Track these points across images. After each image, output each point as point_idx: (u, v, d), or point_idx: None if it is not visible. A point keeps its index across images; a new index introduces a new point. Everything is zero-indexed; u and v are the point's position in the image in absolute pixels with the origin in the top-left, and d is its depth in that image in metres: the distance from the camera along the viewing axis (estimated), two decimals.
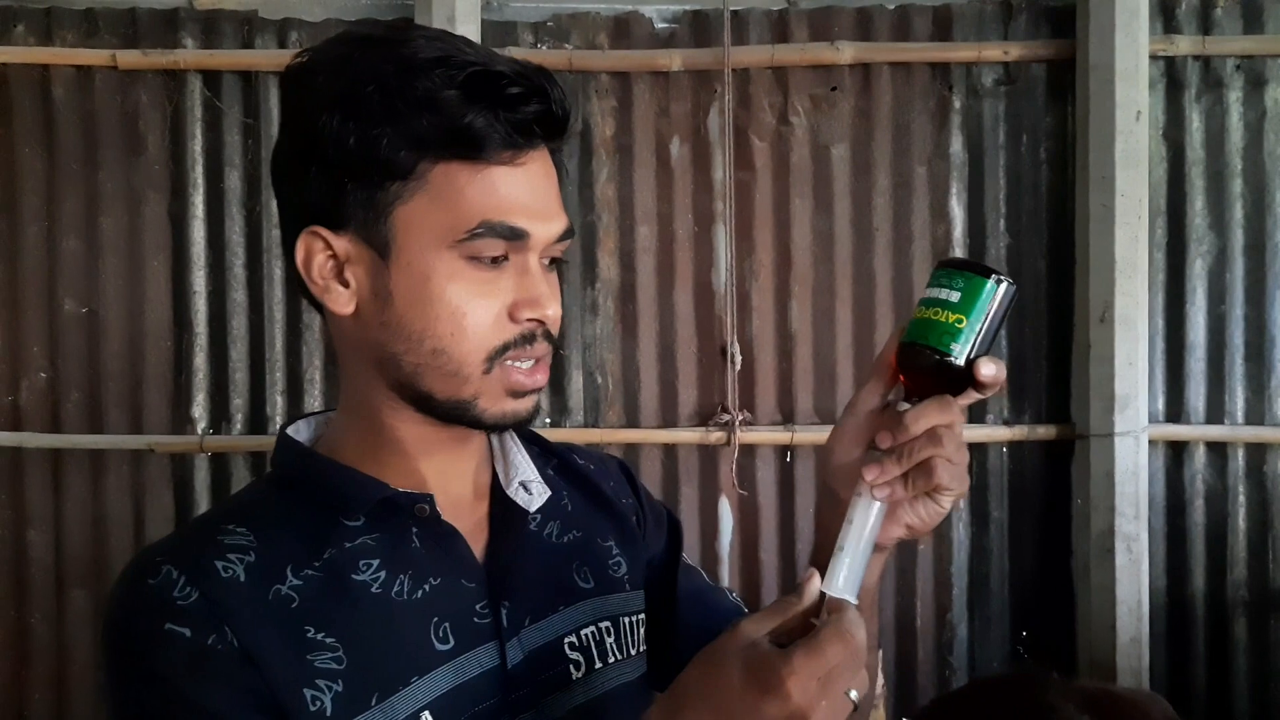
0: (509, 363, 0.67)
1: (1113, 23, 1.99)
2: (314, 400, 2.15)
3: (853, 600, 0.62)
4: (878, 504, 0.65)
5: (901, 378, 0.68)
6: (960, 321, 0.64)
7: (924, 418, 0.64)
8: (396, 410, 0.70)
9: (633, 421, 2.14)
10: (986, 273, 0.64)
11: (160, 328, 2.13)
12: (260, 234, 2.13)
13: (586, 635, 0.76)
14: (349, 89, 0.63)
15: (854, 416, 0.70)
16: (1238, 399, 2.12)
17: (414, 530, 0.70)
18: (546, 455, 0.84)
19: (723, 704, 0.55)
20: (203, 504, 2.14)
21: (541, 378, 0.69)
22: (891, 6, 2.14)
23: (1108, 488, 2.01)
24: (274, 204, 2.20)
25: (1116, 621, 1.99)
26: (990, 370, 0.64)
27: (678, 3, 2.16)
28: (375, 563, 0.68)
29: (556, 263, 0.71)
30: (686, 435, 2.12)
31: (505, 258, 0.66)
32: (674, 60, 2.11)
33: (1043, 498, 2.15)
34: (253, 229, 2.14)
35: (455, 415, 0.68)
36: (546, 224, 0.67)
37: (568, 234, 0.70)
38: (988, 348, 0.65)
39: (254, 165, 2.14)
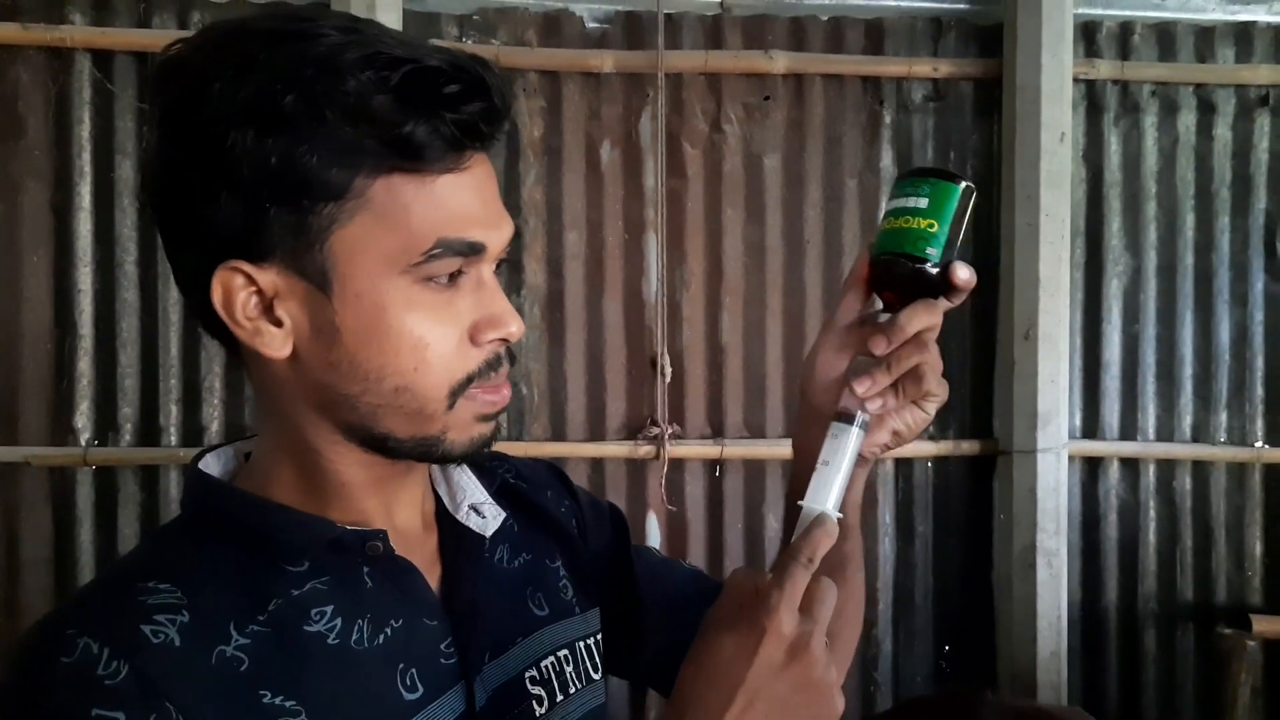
0: (475, 394, 0.61)
1: (1039, 44, 2.02)
2: (212, 410, 2.00)
3: (835, 514, 0.63)
4: (863, 416, 0.66)
5: (880, 290, 0.68)
6: (932, 226, 0.64)
7: (916, 319, 0.65)
8: (342, 453, 0.62)
9: (559, 434, 2.06)
10: (953, 177, 0.65)
11: (40, 329, 1.94)
12: (155, 228, 1.96)
13: (546, 667, 0.71)
14: (261, 97, 0.53)
15: (832, 332, 0.71)
16: (1149, 416, 2.18)
17: (366, 570, 0.62)
18: (488, 474, 0.77)
19: (726, 676, 0.55)
20: (85, 522, 1.96)
21: (506, 393, 0.64)
22: (825, 18, 2.13)
23: (1030, 503, 2.04)
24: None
25: (1037, 636, 2.01)
26: (965, 273, 0.64)
27: (610, 3, 2.10)
28: (329, 610, 0.60)
29: (502, 263, 0.65)
30: (614, 449, 2.05)
31: (460, 273, 0.59)
32: (606, 61, 2.05)
33: (966, 513, 2.17)
34: (146, 223, 1.97)
35: (420, 453, 0.62)
36: (499, 231, 0.61)
37: (515, 235, 0.65)
38: (955, 253, 0.65)
39: (149, 153, 1.97)
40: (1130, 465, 2.18)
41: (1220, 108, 2.17)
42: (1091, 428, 2.17)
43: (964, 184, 0.66)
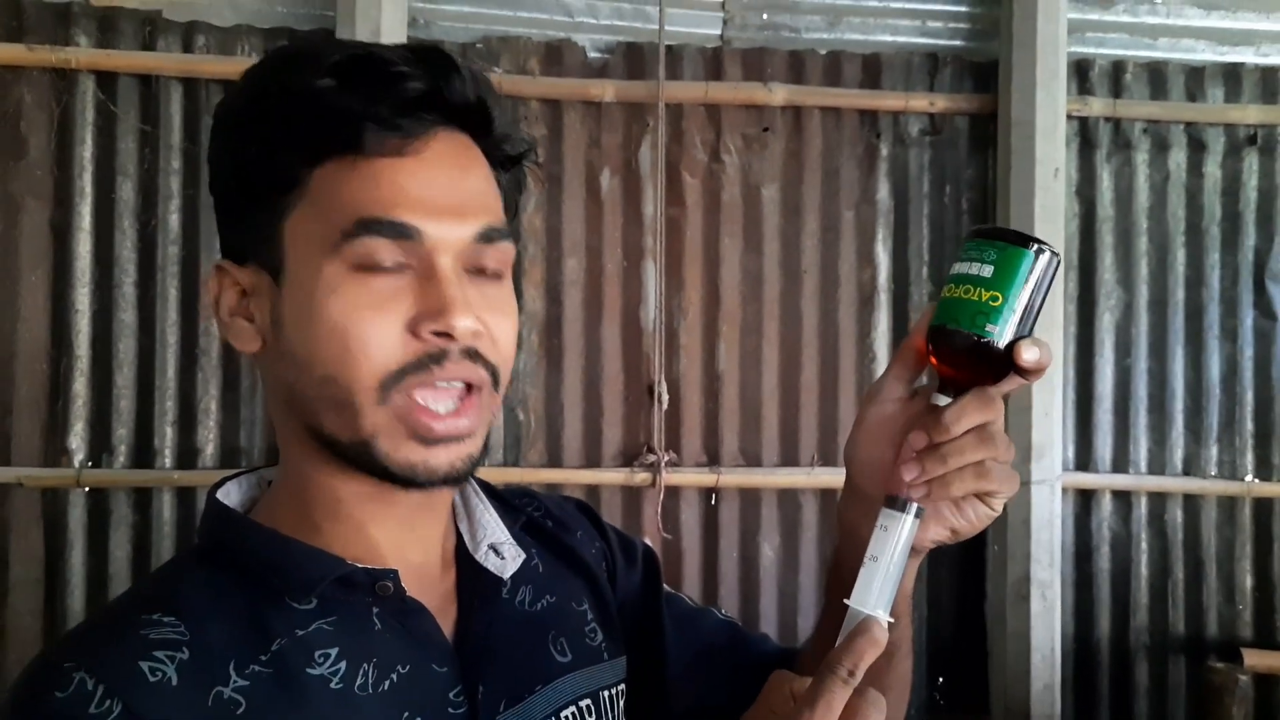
0: (413, 393, 0.56)
1: (1033, 81, 2.06)
2: (208, 432, 1.99)
3: (885, 618, 0.56)
4: (915, 507, 0.58)
5: (934, 362, 0.60)
6: (996, 299, 0.56)
7: (965, 417, 0.58)
8: (321, 464, 0.60)
9: (555, 461, 2.06)
10: (1025, 241, 0.57)
11: (35, 349, 1.94)
12: (155, 250, 1.97)
13: (567, 717, 0.67)
14: (229, 107, 0.60)
15: (879, 405, 0.64)
16: (1141, 449, 2.20)
17: (375, 611, 0.60)
18: (512, 512, 0.74)
19: None
20: (77, 544, 1.94)
21: (465, 423, 0.57)
22: (823, 51, 2.16)
23: (1024, 535, 2.04)
24: (172, 218, 2.02)
25: (1031, 668, 2.01)
26: (1034, 355, 0.56)
27: (611, 34, 2.12)
28: (333, 652, 0.57)
29: (490, 276, 0.60)
30: (610, 476, 2.05)
31: (406, 266, 0.56)
32: (607, 91, 2.07)
33: (960, 544, 2.16)
34: (146, 244, 1.98)
35: (362, 462, 0.58)
36: (454, 222, 0.56)
37: (493, 235, 0.59)
38: (1030, 328, 0.57)
39: (150, 175, 1.98)
40: (1122, 498, 2.19)
41: (1210, 146, 2.21)
42: (1084, 460, 2.18)
43: (1037, 248, 0.57)
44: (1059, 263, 0.58)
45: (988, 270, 0.57)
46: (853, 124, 2.16)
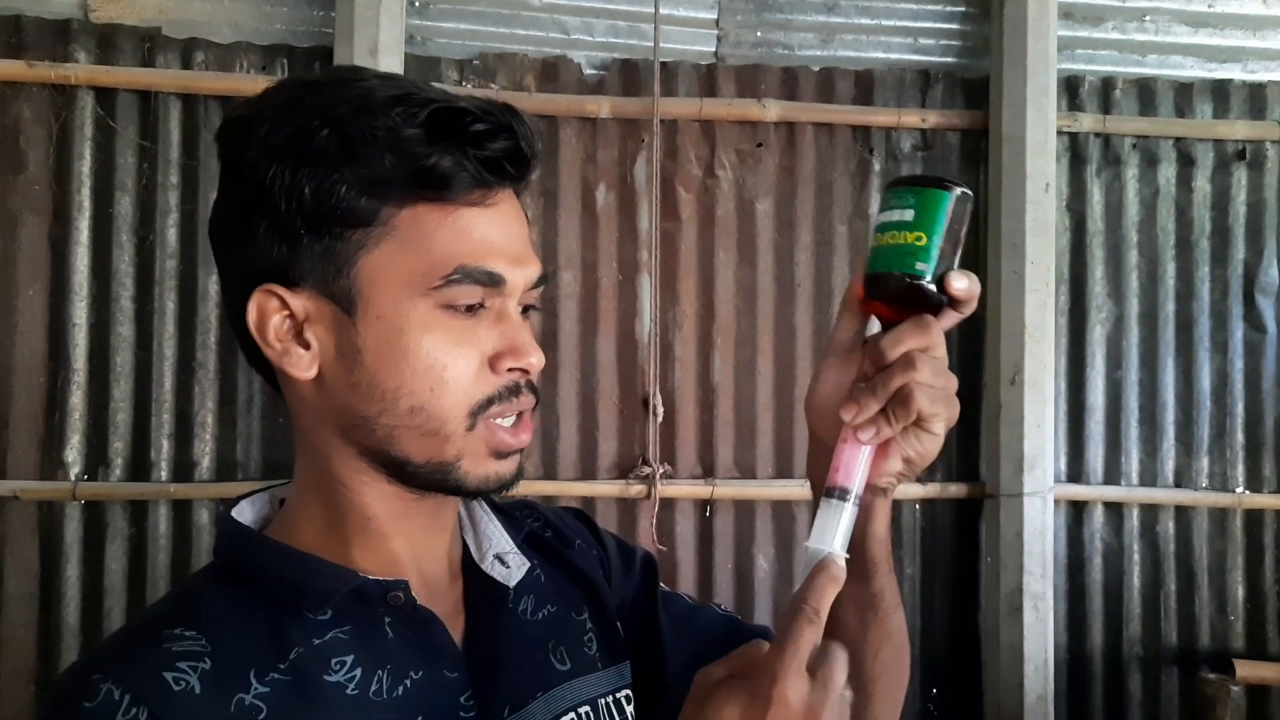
0: (493, 419, 0.62)
1: (1024, 97, 2.08)
2: (204, 445, 2.00)
3: (840, 553, 0.59)
4: (863, 449, 0.62)
5: (874, 308, 0.65)
6: (920, 239, 0.60)
7: (901, 341, 0.62)
8: (367, 482, 0.64)
9: (550, 473, 2.07)
10: (937, 183, 0.61)
11: (32, 362, 1.95)
12: (153, 264, 1.98)
13: None
14: (299, 133, 0.58)
15: (830, 357, 0.68)
16: (1133, 461, 2.22)
17: (387, 620, 0.63)
18: (514, 524, 0.77)
19: None
20: (72, 557, 1.94)
21: (526, 436, 0.64)
22: (816, 68, 2.18)
23: (1016, 547, 2.06)
24: (169, 232, 2.02)
25: (1024, 680, 2.02)
26: (963, 283, 0.61)
27: (607, 50, 2.14)
28: (349, 659, 0.60)
29: (530, 309, 0.67)
30: (606, 488, 2.06)
31: (481, 305, 0.61)
32: (602, 107, 2.09)
33: (953, 555, 2.18)
34: (144, 259, 1.99)
35: (435, 481, 0.62)
36: (523, 269, 0.63)
37: (543, 279, 0.66)
38: (953, 262, 0.61)
39: (148, 190, 1.99)
40: (1114, 509, 2.21)
41: (1199, 161, 2.23)
42: (1076, 472, 2.20)
43: (957, 190, 0.61)
44: (971, 199, 0.62)
45: (909, 214, 0.61)
46: (846, 140, 2.18)
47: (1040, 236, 2.08)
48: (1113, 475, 2.21)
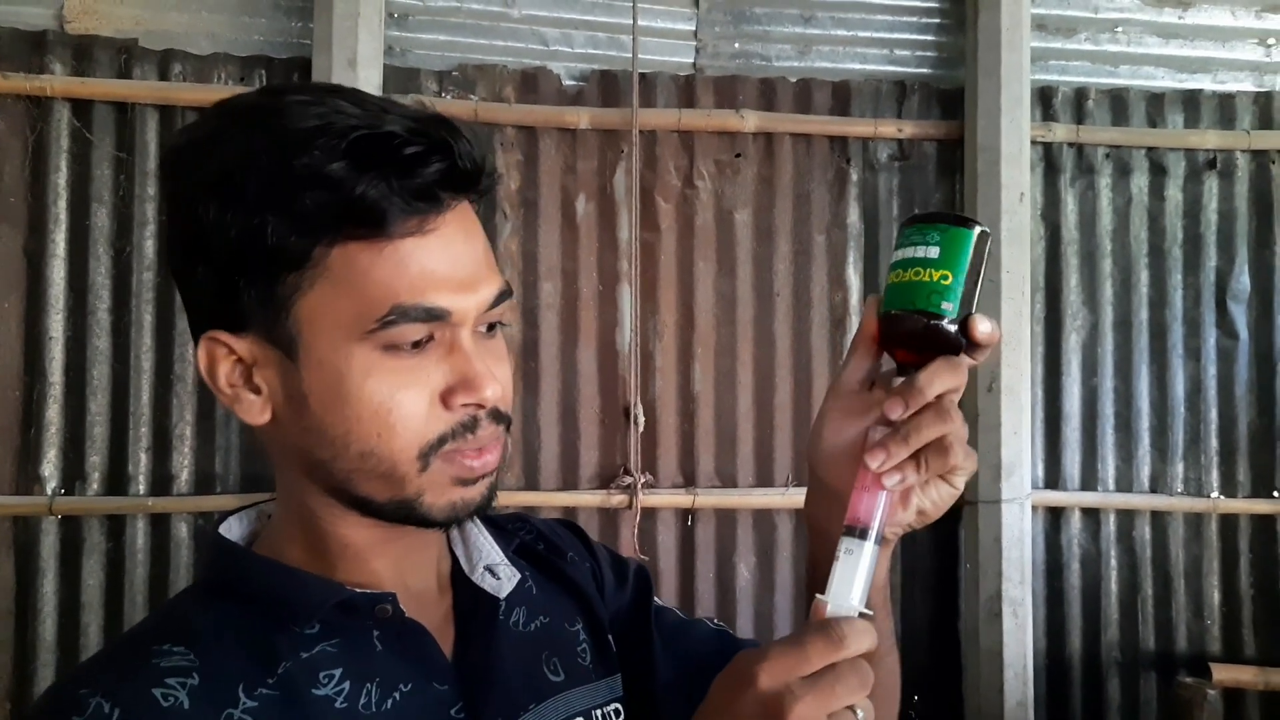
0: (451, 454, 0.60)
1: (998, 108, 2.11)
2: (182, 458, 1.99)
3: (858, 609, 0.56)
4: (883, 494, 0.58)
5: (890, 349, 0.62)
6: (947, 278, 0.58)
7: (938, 379, 0.58)
8: (338, 515, 0.63)
9: (532, 484, 2.07)
10: (965, 222, 0.59)
11: (8, 375, 1.93)
12: (130, 276, 1.97)
13: None
14: (222, 171, 0.55)
15: (839, 398, 0.64)
16: (1109, 467, 2.24)
17: (376, 633, 0.62)
18: (505, 536, 0.76)
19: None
20: (49, 572, 1.93)
21: (491, 458, 0.61)
22: (794, 79, 2.20)
23: (995, 553, 2.07)
24: (147, 244, 2.00)
25: (1004, 685, 2.04)
26: (987, 327, 0.58)
27: (586, 62, 2.16)
28: (337, 673, 0.60)
29: (497, 326, 0.63)
30: (587, 498, 2.06)
31: (431, 338, 0.58)
32: (582, 118, 2.10)
33: (932, 561, 2.20)
34: (121, 271, 1.98)
35: (402, 516, 0.61)
36: (473, 293, 0.59)
37: (503, 296, 0.61)
38: (973, 304, 0.59)
39: (126, 202, 1.98)
40: (1091, 515, 2.23)
41: (1171, 170, 2.27)
42: (1053, 478, 2.22)
43: (979, 229, 0.59)
44: (990, 237, 0.61)
45: (934, 251, 0.59)
46: (823, 150, 2.20)
47: (1015, 245, 2.10)
48: (1089, 481, 2.23)
